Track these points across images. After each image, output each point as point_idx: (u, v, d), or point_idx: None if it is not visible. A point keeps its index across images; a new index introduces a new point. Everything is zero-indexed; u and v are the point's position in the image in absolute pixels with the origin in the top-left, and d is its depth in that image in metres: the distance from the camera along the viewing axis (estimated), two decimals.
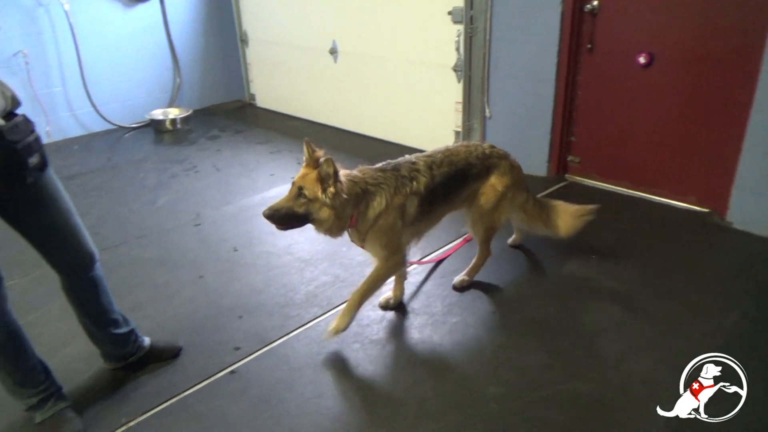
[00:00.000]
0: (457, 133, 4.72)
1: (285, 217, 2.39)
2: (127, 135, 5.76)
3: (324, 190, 2.35)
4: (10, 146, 1.83)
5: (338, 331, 2.55)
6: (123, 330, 2.42)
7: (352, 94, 5.51)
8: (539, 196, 4.02)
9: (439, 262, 3.30)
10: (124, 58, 5.80)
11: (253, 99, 6.71)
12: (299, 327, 2.79)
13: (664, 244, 3.44)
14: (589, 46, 3.94)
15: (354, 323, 2.65)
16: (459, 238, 3.52)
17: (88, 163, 5.00)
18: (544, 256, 3.34)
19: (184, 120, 5.92)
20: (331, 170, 2.32)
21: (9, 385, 2.14)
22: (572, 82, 4.09)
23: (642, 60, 3.73)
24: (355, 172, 2.53)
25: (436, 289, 3.06)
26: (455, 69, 4.52)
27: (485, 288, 3.04)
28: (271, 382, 2.45)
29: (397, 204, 2.53)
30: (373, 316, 2.83)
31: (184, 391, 2.38)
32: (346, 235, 2.58)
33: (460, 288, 3.01)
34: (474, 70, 4.48)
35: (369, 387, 2.41)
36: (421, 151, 4.95)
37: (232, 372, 2.50)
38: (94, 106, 5.57)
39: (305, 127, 5.87)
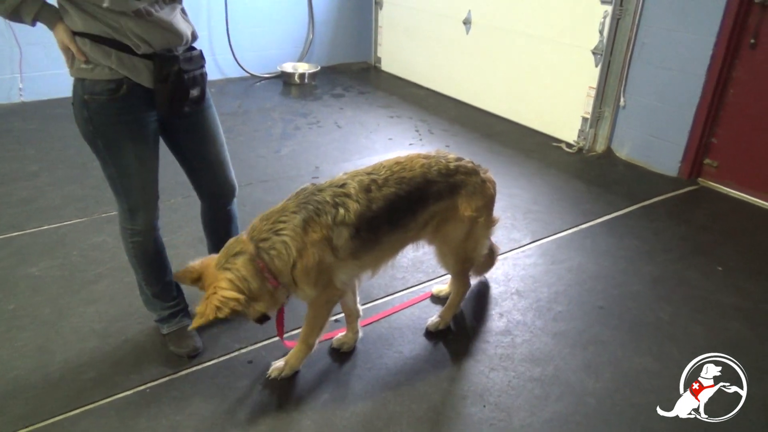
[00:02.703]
0: (584, 119, 4.52)
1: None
2: (258, 84, 6.05)
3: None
4: (181, 74, 2.00)
5: (289, 371, 2.26)
6: None
7: (480, 68, 5.42)
8: (664, 197, 3.83)
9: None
10: (263, 9, 6.06)
11: (379, 62, 6.79)
12: (404, 289, 2.85)
13: None
14: (752, 41, 3.60)
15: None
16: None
17: (222, 106, 5.32)
18: (663, 259, 3.16)
19: (312, 75, 6.12)
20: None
21: (148, 296, 2.39)
22: (725, 78, 3.77)
23: None
24: (243, 235, 2.06)
25: (545, 275, 3.00)
26: (594, 52, 4.30)
27: (595, 281, 2.94)
28: (372, 337, 2.54)
29: (315, 240, 1.98)
30: (477, 292, 2.83)
31: (293, 330, 2.52)
32: None
33: (434, 332, 2.53)
34: (615, 55, 4.24)
35: (466, 359, 2.43)
36: (542, 134, 4.89)
37: (336, 320, 2.61)
38: (233, 53, 5.89)
39: (427, 96, 5.87)
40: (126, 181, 2.11)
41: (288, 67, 6.19)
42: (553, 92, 4.77)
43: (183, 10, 2.06)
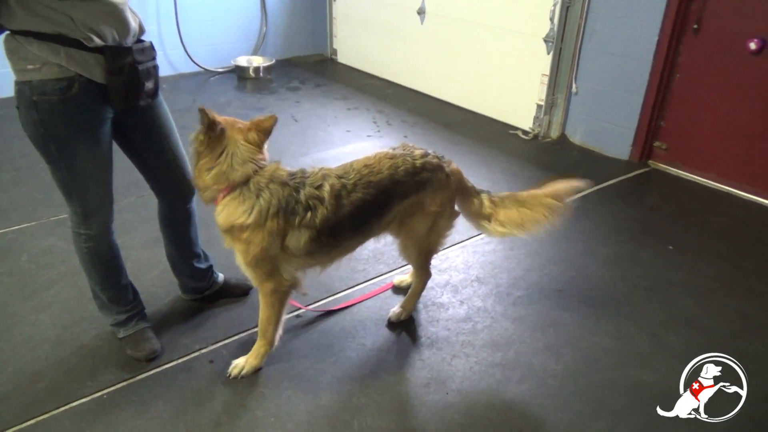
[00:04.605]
0: (539, 106, 4.59)
1: None
2: (212, 79, 5.93)
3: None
4: (135, 66, 1.94)
5: (249, 369, 2.22)
6: (203, 265, 2.57)
7: (435, 58, 5.44)
8: (617, 180, 3.93)
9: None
10: (214, 2, 5.93)
11: (335, 54, 6.74)
12: (365, 281, 2.85)
13: (748, 243, 3.27)
14: (695, 26, 3.71)
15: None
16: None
17: (176, 102, 5.16)
18: (618, 240, 3.25)
19: (267, 69, 6.03)
20: (205, 119, 1.95)
21: (102, 301, 2.32)
22: (671, 63, 3.88)
23: (753, 46, 3.48)
24: (265, 158, 2.10)
25: (504, 261, 3.04)
26: (546, 40, 4.37)
27: (553, 265, 3.00)
28: (335, 330, 2.53)
29: (271, 229, 1.99)
30: (438, 280, 2.86)
31: (253, 328, 2.49)
32: None
33: (396, 322, 2.55)
34: (566, 43, 4.32)
35: (428, 347, 2.45)
36: (499, 122, 4.94)
37: (297, 316, 2.59)
38: (184, 47, 5.75)
39: (384, 87, 5.86)
40: (79, 184, 2.03)
41: (242, 60, 6.09)
42: (507, 80, 4.83)
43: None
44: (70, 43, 1.83)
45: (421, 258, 2.47)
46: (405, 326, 2.56)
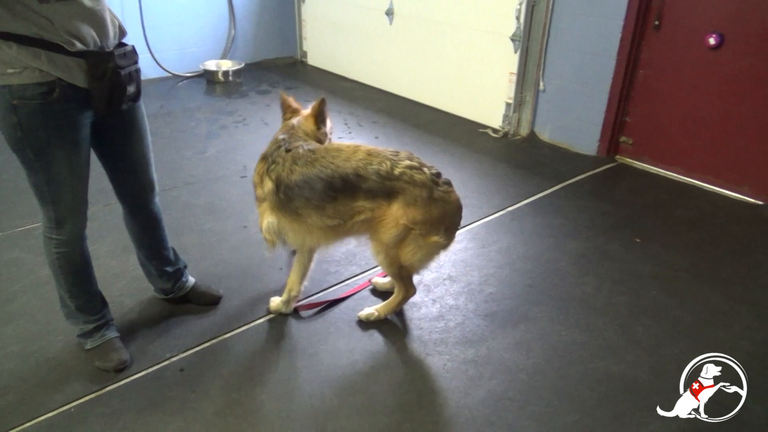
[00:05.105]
0: (508, 105, 4.63)
1: None
2: (180, 83, 5.86)
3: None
4: (117, 71, 1.95)
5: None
6: (170, 268, 2.54)
7: (405, 58, 5.46)
8: (585, 176, 3.99)
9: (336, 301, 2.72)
10: (180, 6, 5.86)
11: (305, 56, 6.72)
12: (337, 283, 2.85)
13: (712, 234, 3.35)
14: (656, 23, 3.79)
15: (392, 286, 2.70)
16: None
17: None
18: (587, 235, 3.30)
19: (236, 73, 5.98)
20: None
21: (70, 309, 2.27)
22: (634, 59, 3.95)
23: (711, 41, 3.57)
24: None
25: (475, 258, 3.07)
26: (513, 38, 4.41)
27: (524, 261, 3.04)
28: (307, 333, 2.52)
29: (258, 168, 2.38)
30: None
31: (225, 334, 2.48)
32: None
33: (366, 321, 2.56)
34: (532, 41, 4.37)
35: (401, 347, 2.46)
36: (469, 121, 4.98)
37: (270, 321, 2.58)
38: (151, 52, 5.67)
39: (354, 89, 5.86)
40: (55, 189, 2.01)
41: (211, 65, 6.03)
42: (476, 80, 4.87)
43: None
44: (51, 47, 1.82)
45: (392, 270, 2.42)
46: (378, 327, 2.56)
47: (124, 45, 2.04)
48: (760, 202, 3.63)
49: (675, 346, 2.46)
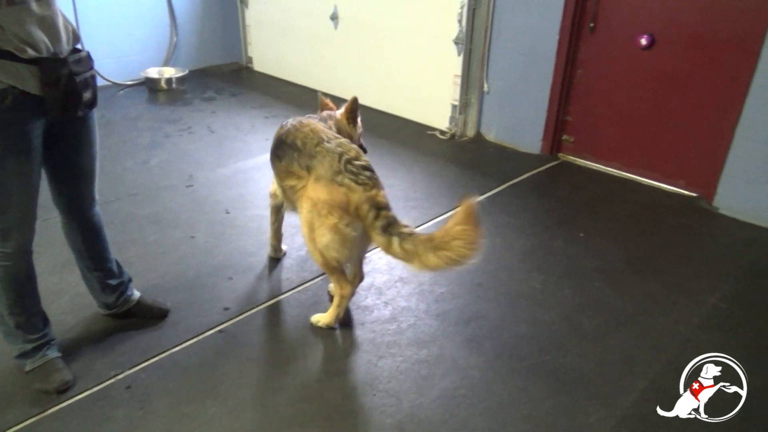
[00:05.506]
0: (454, 106, 4.71)
1: None
2: (121, 92, 5.69)
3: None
4: (73, 77, 1.93)
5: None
6: (113, 281, 2.47)
7: (351, 62, 5.47)
8: (530, 174, 4.10)
9: None
10: (120, 12, 5.70)
11: (251, 62, 6.64)
12: (289, 290, 2.83)
13: (651, 226, 3.49)
14: (591, 24, 3.93)
15: None
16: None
17: None
18: (533, 231, 3.39)
19: (180, 80, 5.85)
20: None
21: (10, 328, 2.16)
22: (572, 60, 4.09)
23: (643, 42, 3.73)
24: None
25: None
26: (456, 41, 4.49)
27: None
28: (259, 342, 2.49)
29: None
30: (362, 284, 2.86)
31: (173, 348, 2.42)
32: None
33: (317, 326, 2.56)
34: (475, 44, 4.45)
35: (354, 352, 2.46)
36: (417, 124, 5.03)
37: (220, 331, 2.54)
38: None
39: (301, 93, 5.83)
40: (3, 198, 1.94)
41: (153, 72, 5.87)
42: (422, 82, 4.92)
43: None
44: (1, 54, 1.77)
45: (316, 256, 2.40)
46: (331, 333, 2.56)
47: (79, 51, 2.02)
48: (695, 194, 3.81)
49: (618, 336, 2.56)
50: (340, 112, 2.78)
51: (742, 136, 3.40)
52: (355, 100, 2.77)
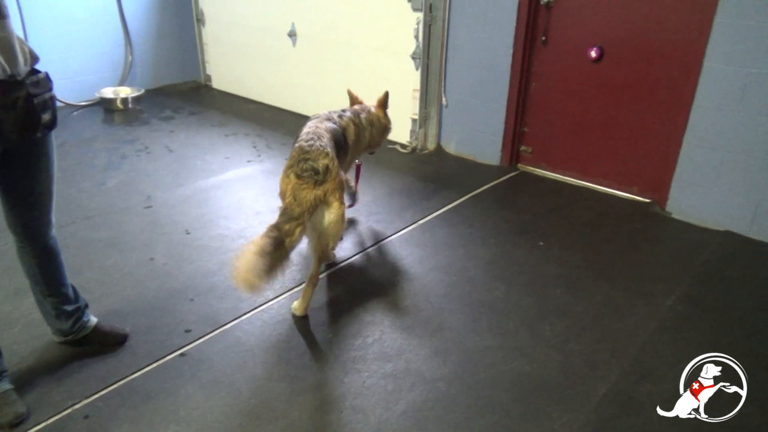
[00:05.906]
0: (414, 120, 4.76)
1: None
2: (75, 113, 5.57)
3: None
4: (30, 99, 1.91)
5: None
6: (69, 307, 2.39)
7: (310, 79, 5.48)
8: (490, 185, 4.17)
9: None
10: (72, 32, 5.59)
11: (209, 80, 6.59)
12: (251, 310, 2.79)
13: (607, 232, 3.59)
14: (543, 38, 4.04)
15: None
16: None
17: None
18: (494, 242, 3.44)
19: (136, 99, 5.76)
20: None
21: None
22: (526, 73, 4.19)
23: (593, 54, 3.85)
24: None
25: (389, 273, 3.11)
26: (413, 57, 4.55)
27: (437, 272, 3.11)
28: (222, 364, 2.45)
29: None
30: (326, 299, 2.86)
31: (133, 374, 2.36)
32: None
33: (294, 314, 2.74)
34: (432, 59, 4.52)
35: (319, 369, 2.44)
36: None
37: (182, 354, 2.49)
38: None
39: (261, 111, 5.81)
40: None
41: (108, 92, 5.77)
42: None
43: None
44: None
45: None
46: (297, 350, 2.53)
47: (37, 72, 1.99)
48: (648, 200, 3.93)
49: (579, 342, 2.60)
50: (374, 104, 3.37)
51: (690, 143, 3.54)
52: (386, 94, 3.41)
